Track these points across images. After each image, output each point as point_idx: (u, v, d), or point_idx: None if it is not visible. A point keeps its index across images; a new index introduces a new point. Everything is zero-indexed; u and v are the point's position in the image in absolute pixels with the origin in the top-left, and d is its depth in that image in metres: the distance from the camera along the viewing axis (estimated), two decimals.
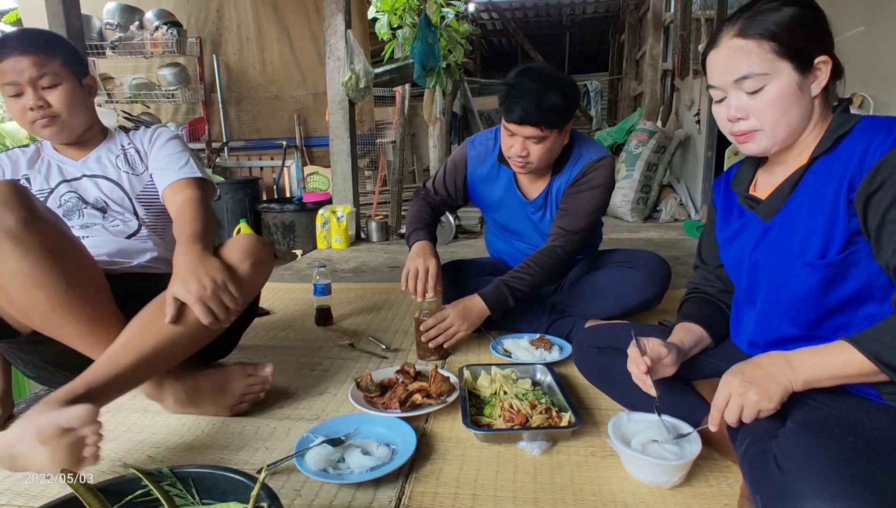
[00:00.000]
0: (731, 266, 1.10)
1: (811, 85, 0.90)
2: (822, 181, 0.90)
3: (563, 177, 1.70)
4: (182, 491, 0.79)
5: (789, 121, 0.91)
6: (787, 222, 0.95)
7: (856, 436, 0.77)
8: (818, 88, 0.90)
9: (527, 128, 1.52)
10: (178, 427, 1.26)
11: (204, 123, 5.55)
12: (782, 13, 0.89)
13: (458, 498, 0.99)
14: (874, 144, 0.84)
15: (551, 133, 1.55)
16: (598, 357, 1.27)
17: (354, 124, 3.97)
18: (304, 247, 4.24)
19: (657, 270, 1.72)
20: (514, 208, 1.80)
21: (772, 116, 0.91)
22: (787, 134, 0.92)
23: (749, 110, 0.92)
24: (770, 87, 0.89)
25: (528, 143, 1.56)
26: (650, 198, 4.62)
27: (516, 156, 1.59)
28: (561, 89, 1.51)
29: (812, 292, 0.91)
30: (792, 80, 0.89)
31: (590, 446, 1.14)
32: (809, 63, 0.89)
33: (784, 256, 0.95)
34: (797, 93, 0.89)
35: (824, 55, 0.89)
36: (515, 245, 1.90)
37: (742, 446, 0.92)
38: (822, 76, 0.90)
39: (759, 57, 0.89)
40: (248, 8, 5.56)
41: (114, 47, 4.98)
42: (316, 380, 1.51)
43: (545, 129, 1.52)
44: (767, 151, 0.95)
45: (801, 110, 0.91)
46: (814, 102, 0.91)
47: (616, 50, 10.20)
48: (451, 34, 4.48)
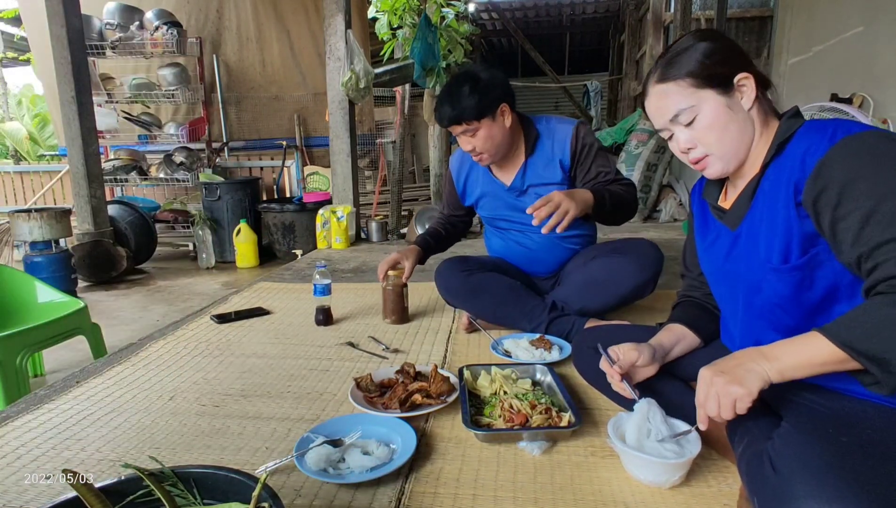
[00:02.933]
0: (709, 275, 1.13)
1: (740, 102, 0.97)
2: (774, 187, 0.93)
3: (541, 155, 1.80)
4: (183, 491, 0.79)
5: (731, 138, 0.97)
6: (752, 230, 0.98)
7: (850, 436, 0.77)
8: (749, 101, 0.97)
9: (456, 127, 1.69)
10: (178, 427, 1.26)
11: (204, 124, 5.55)
12: (691, 52, 0.98)
13: (458, 498, 0.99)
14: (812, 147, 0.87)
15: (480, 123, 1.68)
16: (596, 358, 1.28)
17: (354, 124, 3.97)
18: (304, 247, 4.24)
19: (647, 252, 1.74)
20: (497, 196, 1.90)
21: (713, 139, 0.98)
22: (734, 150, 0.98)
23: (693, 140, 1.00)
24: (701, 115, 0.97)
25: (466, 137, 1.71)
26: (650, 198, 4.62)
27: (471, 153, 1.75)
28: (468, 82, 1.66)
29: (785, 296, 0.93)
30: (719, 102, 0.96)
31: (590, 446, 1.14)
32: (730, 84, 0.96)
33: (753, 263, 0.97)
34: (728, 112, 0.96)
35: (743, 73, 0.96)
36: (512, 237, 1.94)
37: (739, 447, 0.92)
38: (748, 91, 0.96)
39: (681, 94, 0.98)
40: (247, 8, 5.56)
41: (114, 47, 4.98)
42: (316, 380, 1.51)
43: (470, 121, 1.67)
44: (726, 171, 1.01)
45: (738, 125, 0.97)
46: (750, 115, 0.97)
47: (616, 50, 10.21)
48: (451, 34, 4.48)
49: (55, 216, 3.58)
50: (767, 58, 5.44)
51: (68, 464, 1.11)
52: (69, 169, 4.14)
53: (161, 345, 1.81)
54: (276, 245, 4.56)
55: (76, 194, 4.09)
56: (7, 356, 1.84)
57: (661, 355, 1.11)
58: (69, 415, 1.33)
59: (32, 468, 1.11)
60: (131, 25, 4.96)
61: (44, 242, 3.56)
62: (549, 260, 1.91)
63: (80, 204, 4.08)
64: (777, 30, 4.64)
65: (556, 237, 1.84)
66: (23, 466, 1.12)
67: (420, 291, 2.32)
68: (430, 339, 1.83)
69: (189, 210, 4.94)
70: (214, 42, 5.62)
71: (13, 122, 8.78)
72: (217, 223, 4.61)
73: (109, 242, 4.12)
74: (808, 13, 4.18)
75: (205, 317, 2.09)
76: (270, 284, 2.68)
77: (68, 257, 3.64)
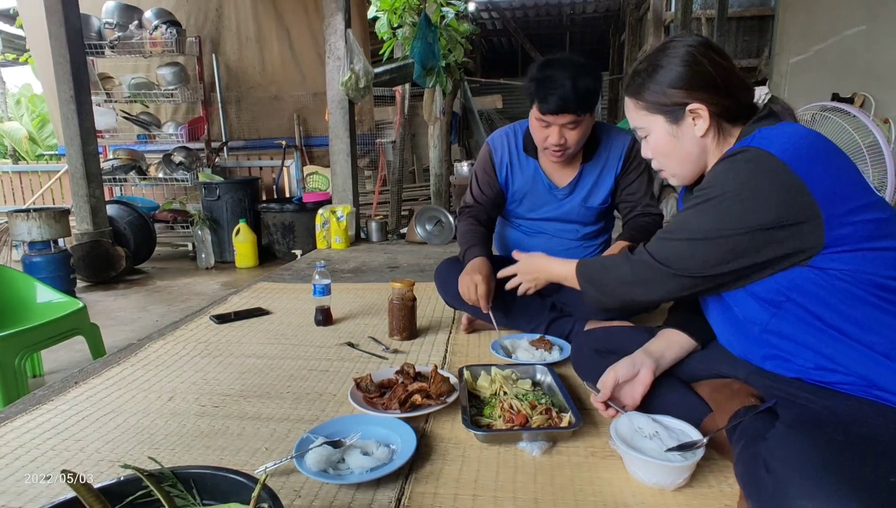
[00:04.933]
0: None
1: (692, 130, 1.00)
2: None
3: (597, 164, 1.76)
4: (183, 492, 0.78)
5: (680, 159, 1.04)
6: None
7: (845, 435, 0.77)
8: (701, 130, 0.99)
9: (564, 116, 1.57)
10: (178, 428, 1.26)
11: (203, 123, 5.55)
12: (652, 74, 1.01)
13: (458, 499, 0.99)
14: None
15: (585, 117, 1.60)
16: (595, 360, 1.28)
17: (354, 124, 3.97)
18: (303, 247, 4.24)
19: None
20: (540, 194, 1.82)
21: (662, 159, 1.07)
22: (684, 170, 1.05)
23: (650, 153, 1.08)
24: (651, 136, 1.06)
25: (564, 130, 1.60)
26: None
27: (553, 145, 1.62)
28: (591, 74, 1.57)
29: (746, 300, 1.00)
30: (664, 130, 1.03)
31: (590, 446, 1.14)
32: (681, 112, 0.99)
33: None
34: (671, 140, 1.02)
35: (696, 103, 0.98)
36: (534, 237, 1.88)
37: (736, 448, 0.92)
38: (701, 121, 0.99)
39: (637, 113, 1.06)
40: (247, 7, 5.55)
41: (113, 47, 4.97)
42: (316, 380, 1.51)
43: (581, 113, 1.58)
44: (682, 183, 1.09)
45: (683, 151, 1.02)
46: (704, 142, 1.01)
47: (616, 49, 10.21)
48: (451, 34, 4.49)
49: (54, 216, 3.58)
50: (768, 57, 5.44)
51: (67, 465, 1.11)
52: (68, 169, 4.13)
53: (160, 345, 1.81)
54: (276, 245, 4.56)
55: (75, 194, 4.09)
56: (6, 357, 1.83)
57: (651, 361, 1.11)
58: (68, 415, 1.33)
59: (31, 468, 1.10)
60: (130, 25, 4.95)
61: (42, 242, 3.56)
62: None
63: (79, 204, 4.08)
64: (777, 29, 4.64)
65: (576, 242, 1.85)
66: (22, 466, 1.11)
67: (419, 291, 2.31)
68: (430, 339, 1.83)
69: (188, 210, 4.94)
70: (214, 41, 5.61)
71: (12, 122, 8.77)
72: (216, 223, 4.61)
73: (108, 242, 4.12)
74: (808, 12, 4.17)
75: (204, 317, 2.09)
76: (270, 284, 2.68)
77: (67, 257, 3.64)
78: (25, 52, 8.05)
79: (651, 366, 1.10)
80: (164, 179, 5.15)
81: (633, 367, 1.10)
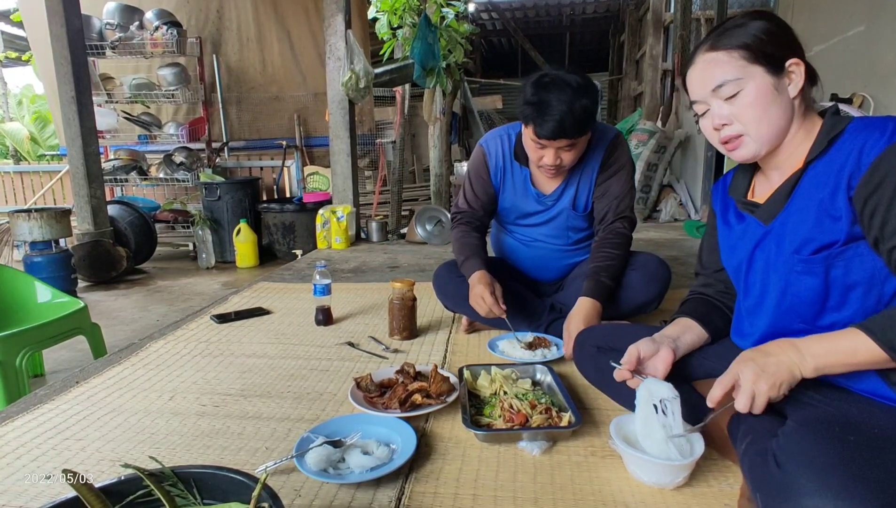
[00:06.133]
0: (733, 270, 1.11)
1: (787, 87, 0.94)
2: (818, 182, 0.92)
3: (581, 166, 1.72)
4: (183, 492, 0.79)
5: (770, 120, 0.94)
6: (787, 223, 0.96)
7: (856, 434, 0.77)
8: (795, 89, 0.94)
9: (561, 141, 1.54)
10: (178, 427, 1.26)
11: (204, 123, 5.55)
12: (749, 26, 0.95)
13: (458, 498, 0.99)
14: (869, 143, 0.85)
15: (583, 137, 1.58)
16: (596, 357, 1.28)
17: (354, 124, 3.97)
18: (304, 247, 4.24)
19: (657, 272, 1.72)
20: (529, 203, 1.81)
21: (752, 117, 0.94)
22: (771, 134, 0.95)
23: (731, 116, 0.96)
24: (746, 90, 0.94)
25: (560, 151, 1.58)
26: (650, 198, 4.62)
27: (549, 165, 1.60)
28: (587, 94, 1.51)
29: (815, 290, 0.92)
30: (766, 81, 0.93)
31: (590, 446, 1.14)
32: (781, 67, 0.94)
33: (785, 255, 0.96)
34: (773, 93, 0.93)
35: (795, 58, 0.94)
36: (525, 244, 1.88)
37: (742, 444, 0.92)
38: (797, 78, 0.94)
39: (731, 65, 0.95)
40: (248, 8, 5.56)
41: (114, 47, 4.98)
42: (316, 380, 1.51)
43: (579, 137, 1.55)
44: (757, 154, 0.98)
45: (780, 110, 0.94)
46: (793, 104, 0.95)
47: (616, 50, 10.20)
48: (451, 34, 4.49)
49: (55, 216, 3.58)
50: None
51: (68, 464, 1.11)
52: (69, 169, 4.14)
53: (161, 345, 1.81)
54: (276, 245, 4.56)
55: (76, 194, 4.09)
56: (7, 356, 1.84)
57: (670, 342, 1.10)
58: (69, 415, 1.33)
59: (32, 467, 1.11)
60: (131, 25, 4.96)
61: (44, 242, 3.56)
62: (558, 267, 1.89)
63: (80, 204, 4.08)
64: None
65: (566, 247, 1.85)
66: (23, 466, 1.11)
67: (419, 292, 2.31)
68: (430, 339, 1.83)
69: (189, 210, 4.94)
70: (214, 42, 5.62)
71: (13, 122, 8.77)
72: (217, 223, 4.62)
73: (109, 242, 4.12)
74: (808, 12, 4.18)
75: (205, 317, 2.09)
76: (270, 284, 2.68)
77: (68, 257, 3.64)
78: (27, 52, 8.05)
79: (670, 345, 1.10)
80: (164, 179, 5.16)
81: (654, 344, 1.09)
